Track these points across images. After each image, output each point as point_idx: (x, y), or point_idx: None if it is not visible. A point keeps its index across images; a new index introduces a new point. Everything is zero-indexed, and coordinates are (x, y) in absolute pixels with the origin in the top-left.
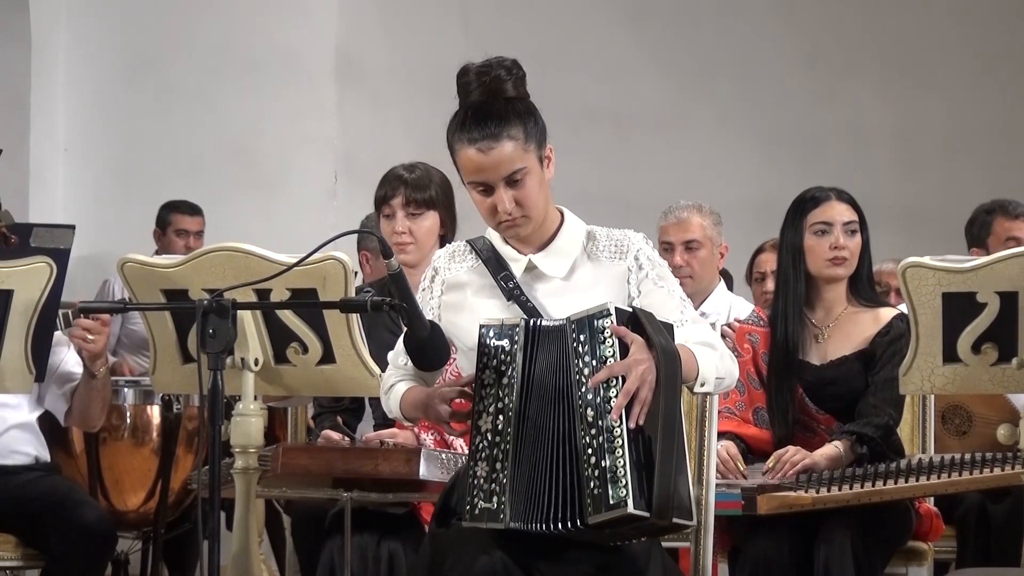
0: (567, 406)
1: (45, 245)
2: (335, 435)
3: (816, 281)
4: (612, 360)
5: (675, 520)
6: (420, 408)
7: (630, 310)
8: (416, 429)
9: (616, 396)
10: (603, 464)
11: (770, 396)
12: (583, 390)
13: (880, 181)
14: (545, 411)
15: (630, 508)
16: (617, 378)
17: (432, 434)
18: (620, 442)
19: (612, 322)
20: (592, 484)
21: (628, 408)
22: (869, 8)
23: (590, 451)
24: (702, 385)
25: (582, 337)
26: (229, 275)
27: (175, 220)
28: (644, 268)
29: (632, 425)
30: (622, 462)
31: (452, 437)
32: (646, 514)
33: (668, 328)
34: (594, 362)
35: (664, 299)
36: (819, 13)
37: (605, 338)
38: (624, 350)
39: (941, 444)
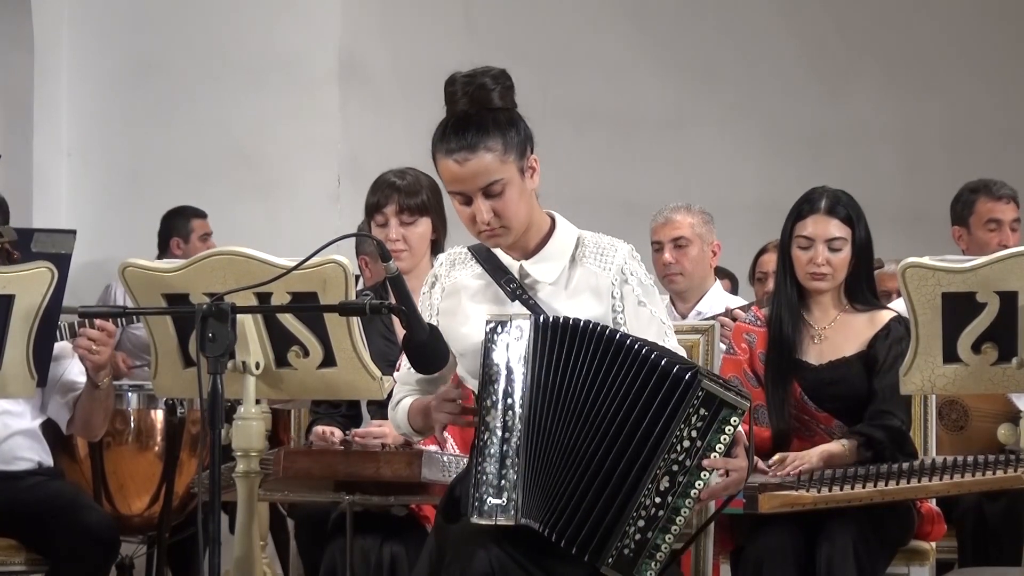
0: (606, 424)
1: (46, 250)
2: (325, 429)
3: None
4: (717, 454)
5: None
6: (423, 414)
7: (747, 404)
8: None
9: (701, 483)
10: (649, 536)
11: (767, 391)
12: (673, 455)
13: (883, 182)
14: (562, 413)
15: None
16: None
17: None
18: (677, 528)
19: (740, 422)
20: (627, 542)
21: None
22: (872, 9)
23: (644, 513)
24: None
25: (703, 411)
26: (230, 279)
27: (198, 226)
28: (630, 283)
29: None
30: (667, 547)
31: (443, 436)
32: None
33: None
34: (700, 442)
35: (646, 321)
36: (822, 14)
37: (725, 431)
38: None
39: (938, 439)
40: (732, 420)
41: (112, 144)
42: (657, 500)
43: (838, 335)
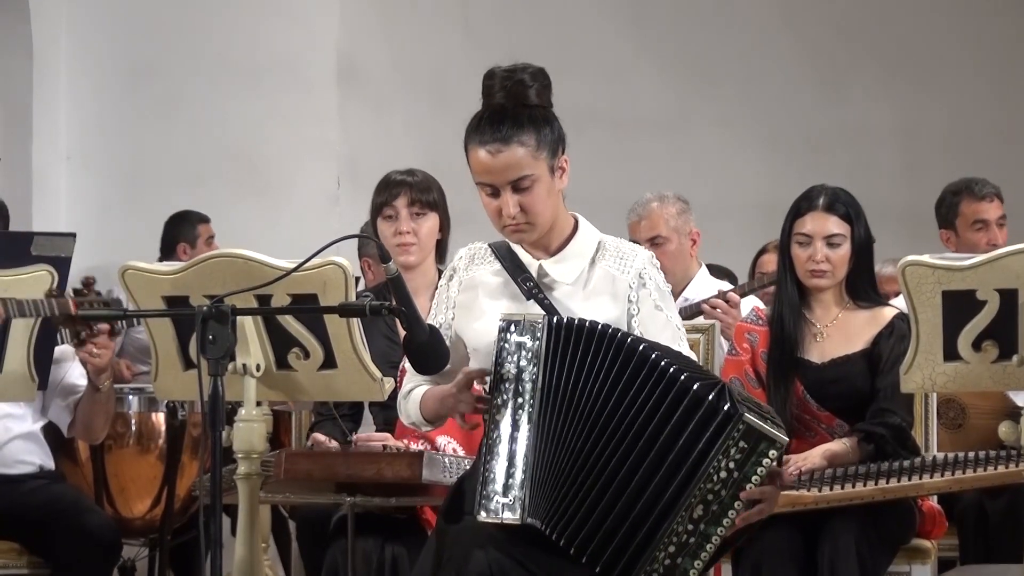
0: (630, 438)
1: (46, 253)
2: (322, 438)
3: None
4: (752, 485)
5: None
6: (440, 403)
7: (786, 439)
8: (406, 440)
9: (734, 512)
10: (678, 562)
11: (769, 390)
12: (709, 484)
13: (882, 182)
14: (574, 417)
15: None
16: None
17: (422, 443)
18: (707, 554)
19: (777, 456)
20: (656, 567)
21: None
22: (870, 8)
23: (675, 539)
24: None
25: (743, 444)
26: (230, 281)
27: (204, 231)
28: (648, 287)
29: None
30: (694, 573)
31: (444, 443)
32: None
33: None
34: (736, 473)
35: (662, 325)
36: (820, 14)
37: (763, 463)
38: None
39: (937, 437)
40: (771, 453)
41: (111, 148)
42: (689, 527)
43: (840, 333)
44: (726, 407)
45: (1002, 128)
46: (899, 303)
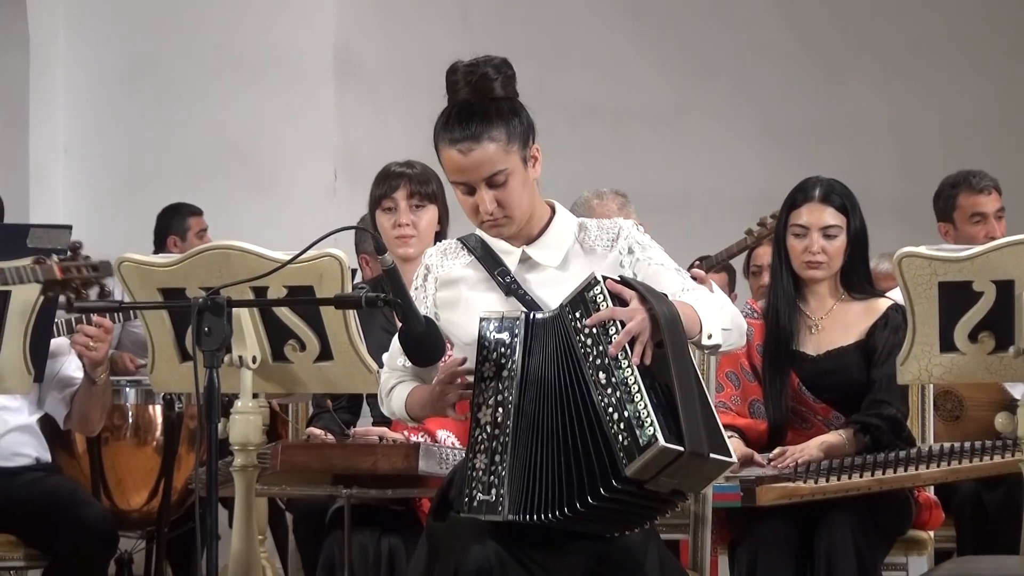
0: (573, 389)
1: (42, 245)
2: (319, 432)
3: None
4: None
5: (712, 455)
6: (427, 401)
7: (618, 277)
8: (406, 433)
9: (610, 339)
10: (625, 415)
11: (765, 383)
12: (591, 358)
13: (879, 175)
14: (543, 403)
15: (661, 442)
16: (617, 326)
17: (422, 436)
18: (637, 389)
19: (603, 286)
20: (620, 438)
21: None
22: (867, 2)
23: (611, 409)
24: (709, 337)
25: (578, 313)
26: (226, 273)
27: (195, 223)
28: (635, 252)
29: (637, 362)
30: (643, 406)
31: (444, 437)
32: (679, 448)
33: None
34: (589, 328)
35: (660, 274)
36: (817, 8)
37: (600, 304)
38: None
39: (934, 429)
40: (594, 289)
41: (109, 141)
42: (609, 391)
43: (835, 325)
44: (556, 312)
45: (999, 121)
46: (895, 295)
